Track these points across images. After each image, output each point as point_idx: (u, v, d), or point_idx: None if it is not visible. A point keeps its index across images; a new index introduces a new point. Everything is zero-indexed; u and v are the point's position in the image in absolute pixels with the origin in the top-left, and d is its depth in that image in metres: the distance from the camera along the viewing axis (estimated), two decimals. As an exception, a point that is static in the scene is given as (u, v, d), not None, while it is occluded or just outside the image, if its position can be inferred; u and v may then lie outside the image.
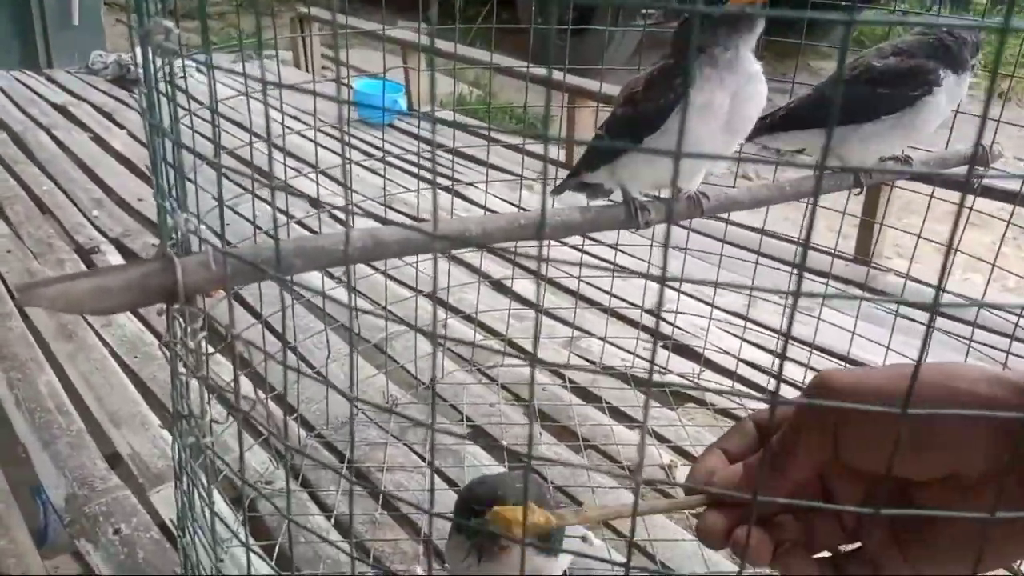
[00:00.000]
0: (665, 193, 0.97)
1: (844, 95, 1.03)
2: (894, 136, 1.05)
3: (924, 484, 0.36)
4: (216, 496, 0.93)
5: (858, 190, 1.15)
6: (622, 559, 1.09)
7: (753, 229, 1.83)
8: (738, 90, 0.83)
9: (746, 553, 0.39)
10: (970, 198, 1.17)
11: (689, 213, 0.94)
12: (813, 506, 0.38)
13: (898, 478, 0.36)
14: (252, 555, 0.79)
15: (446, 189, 2.11)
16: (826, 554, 0.42)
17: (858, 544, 0.41)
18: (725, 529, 0.40)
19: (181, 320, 0.64)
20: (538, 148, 2.86)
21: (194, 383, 0.70)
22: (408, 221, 2.08)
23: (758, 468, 0.41)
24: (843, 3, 1.31)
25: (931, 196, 1.25)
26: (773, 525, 0.41)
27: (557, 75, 2.52)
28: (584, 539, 1.10)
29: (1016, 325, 1.21)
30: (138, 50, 0.66)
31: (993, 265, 1.17)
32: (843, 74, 0.94)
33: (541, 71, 2.46)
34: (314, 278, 1.63)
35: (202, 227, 0.67)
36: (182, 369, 0.71)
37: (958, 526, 0.35)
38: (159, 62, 0.67)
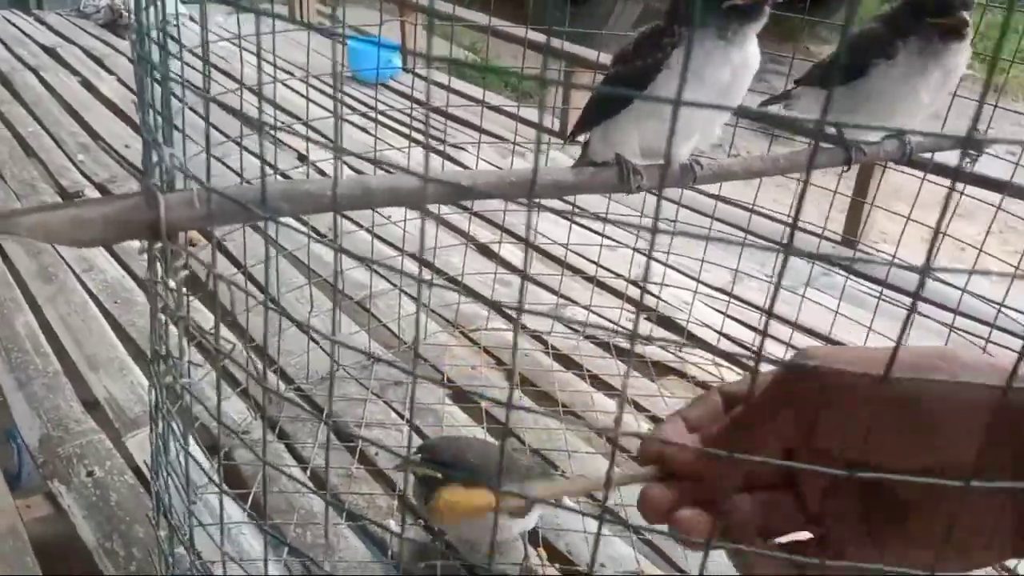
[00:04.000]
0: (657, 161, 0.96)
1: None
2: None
3: (899, 471, 0.33)
4: (191, 442, 0.93)
5: (847, 168, 1.15)
6: (595, 523, 1.10)
7: (742, 206, 1.82)
8: (737, 65, 0.83)
9: (680, 532, 0.37)
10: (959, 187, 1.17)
11: (682, 181, 0.94)
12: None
13: (873, 466, 0.33)
14: (226, 501, 0.79)
15: (437, 152, 2.09)
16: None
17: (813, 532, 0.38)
18: (668, 505, 0.38)
19: (162, 258, 0.63)
20: (531, 114, 2.84)
21: (173, 325, 0.69)
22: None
23: (715, 442, 0.37)
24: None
25: (923, 179, 1.25)
26: (722, 504, 0.38)
27: (555, 42, 2.50)
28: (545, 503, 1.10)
29: (998, 312, 1.21)
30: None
31: (980, 250, 1.17)
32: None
33: (539, 36, 2.44)
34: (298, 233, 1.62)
35: (188, 167, 0.66)
36: (161, 309, 0.70)
37: (935, 518, 0.33)
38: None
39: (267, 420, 1.19)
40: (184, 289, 0.66)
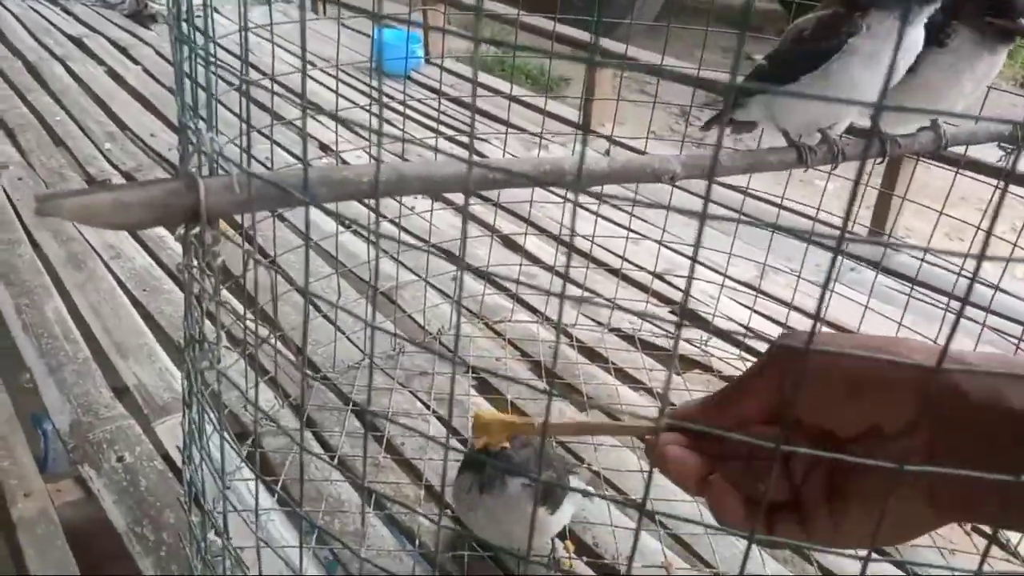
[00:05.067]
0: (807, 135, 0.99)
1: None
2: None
3: (853, 440, 0.38)
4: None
5: (881, 160, 1.13)
6: (621, 516, 1.10)
7: (769, 202, 1.81)
8: (910, 44, 0.88)
9: (666, 470, 0.41)
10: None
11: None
12: (722, 434, 0.38)
13: (831, 434, 0.39)
14: (257, 487, 0.79)
15: (463, 144, 2.09)
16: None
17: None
18: (665, 448, 0.42)
19: (198, 243, 0.63)
20: (556, 108, 2.83)
21: (208, 310, 0.69)
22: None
23: (712, 400, 0.43)
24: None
25: (956, 173, 1.23)
26: (720, 461, 0.41)
27: (581, 35, 2.49)
28: (585, 495, 1.10)
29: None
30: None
31: (1015, 245, 1.16)
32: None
33: (566, 30, 2.43)
34: (326, 223, 1.62)
35: (226, 149, 0.66)
36: (197, 293, 0.70)
37: (870, 480, 0.37)
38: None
39: (302, 407, 1.19)
40: (220, 273, 0.66)
